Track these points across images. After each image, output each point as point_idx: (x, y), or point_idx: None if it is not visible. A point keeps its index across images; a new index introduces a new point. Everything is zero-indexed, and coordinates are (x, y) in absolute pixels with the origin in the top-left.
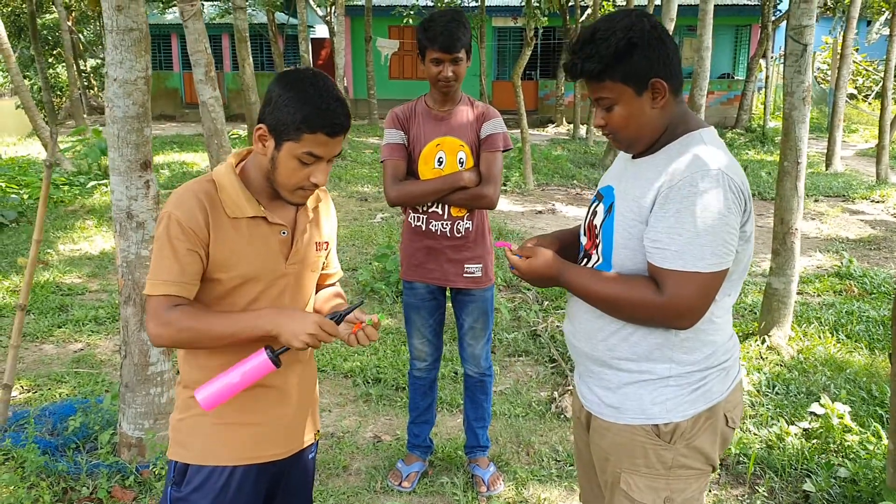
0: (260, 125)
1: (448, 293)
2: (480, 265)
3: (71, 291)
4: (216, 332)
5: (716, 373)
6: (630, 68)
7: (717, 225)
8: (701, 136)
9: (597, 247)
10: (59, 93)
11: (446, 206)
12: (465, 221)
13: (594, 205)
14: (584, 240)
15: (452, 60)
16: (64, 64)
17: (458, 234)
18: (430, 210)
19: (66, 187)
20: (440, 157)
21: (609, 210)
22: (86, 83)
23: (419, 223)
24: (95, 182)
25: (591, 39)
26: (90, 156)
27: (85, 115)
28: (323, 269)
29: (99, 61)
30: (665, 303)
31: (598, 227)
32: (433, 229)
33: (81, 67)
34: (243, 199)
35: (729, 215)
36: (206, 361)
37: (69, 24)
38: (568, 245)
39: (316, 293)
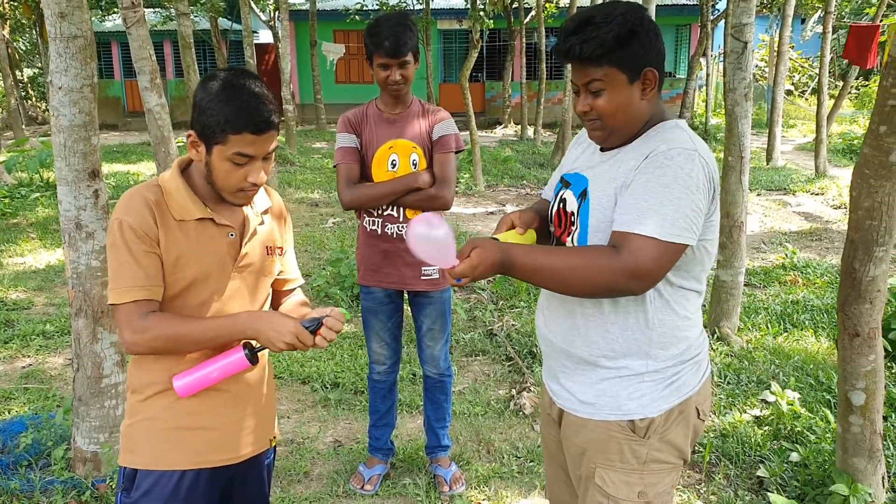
0: (190, 132)
1: (405, 296)
2: (437, 266)
3: (16, 306)
4: (193, 338)
5: (689, 367)
6: (628, 54)
7: (684, 198)
8: (676, 123)
9: (571, 233)
10: None
11: (401, 209)
12: None
13: (560, 192)
14: (552, 228)
15: (400, 64)
16: None
17: None
18: (385, 213)
19: (7, 200)
20: (393, 160)
21: (583, 195)
22: (23, 93)
23: (375, 227)
24: (38, 194)
25: (588, 22)
26: (29, 167)
27: (24, 126)
28: (280, 274)
29: (36, 71)
30: (622, 263)
31: (575, 213)
32: (389, 232)
33: (18, 77)
34: (189, 202)
35: (697, 194)
36: (153, 364)
37: (4, 33)
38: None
39: (278, 300)
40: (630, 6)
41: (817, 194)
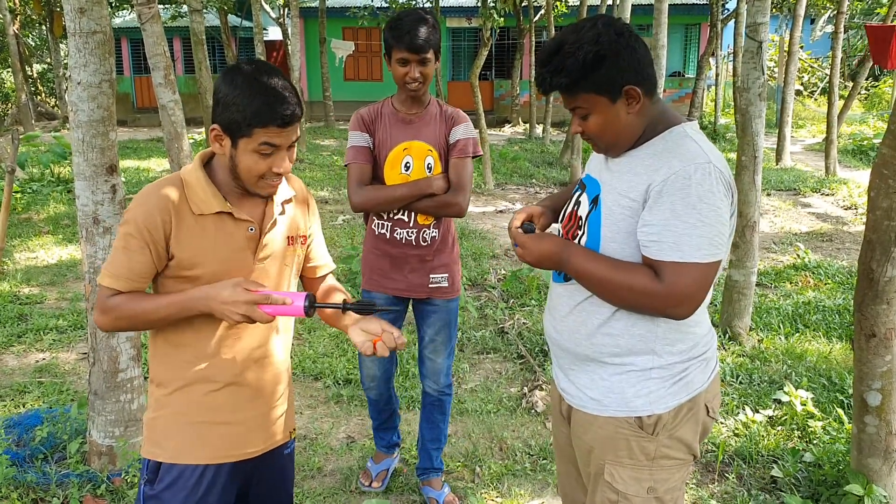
0: (214, 126)
1: (410, 304)
2: (446, 274)
3: (29, 301)
4: (151, 316)
5: (696, 364)
6: (601, 79)
7: (712, 216)
8: (685, 131)
9: (577, 237)
10: (3, 98)
11: (413, 214)
12: (432, 230)
13: (577, 194)
14: (559, 225)
15: (420, 61)
16: (9, 69)
17: (423, 242)
18: (395, 217)
19: (18, 195)
20: (407, 162)
21: (595, 202)
22: (33, 88)
23: (384, 231)
24: (50, 189)
25: (558, 52)
26: (42, 162)
27: (33, 121)
28: (308, 262)
29: (46, 66)
30: (664, 291)
31: (584, 218)
32: (398, 237)
33: (28, 73)
34: (210, 195)
35: (721, 207)
36: (177, 358)
37: (14, 28)
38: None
39: (312, 289)
40: (599, 25)
41: (827, 195)
